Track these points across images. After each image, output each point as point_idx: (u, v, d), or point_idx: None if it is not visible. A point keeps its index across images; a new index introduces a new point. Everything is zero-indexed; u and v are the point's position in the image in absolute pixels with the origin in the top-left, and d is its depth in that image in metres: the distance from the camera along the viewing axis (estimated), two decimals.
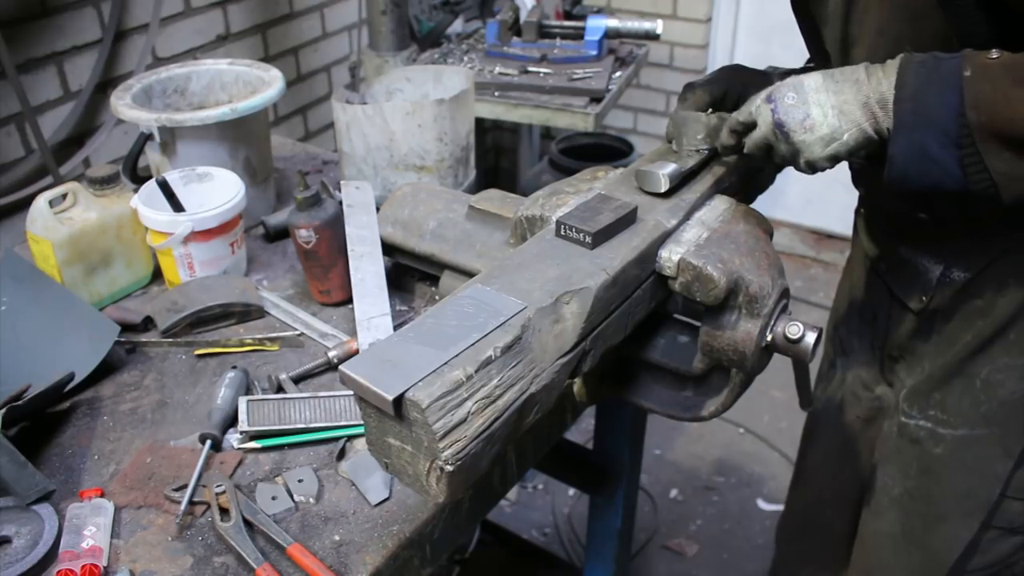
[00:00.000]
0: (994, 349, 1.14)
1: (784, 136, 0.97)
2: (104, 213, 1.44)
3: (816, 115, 0.95)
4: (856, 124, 0.94)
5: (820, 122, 0.95)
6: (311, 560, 1.00)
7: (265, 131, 1.74)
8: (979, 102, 0.87)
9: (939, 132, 0.89)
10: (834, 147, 0.95)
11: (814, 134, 0.95)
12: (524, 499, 2.69)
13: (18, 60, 1.94)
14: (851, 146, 0.95)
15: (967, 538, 1.23)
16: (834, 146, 0.95)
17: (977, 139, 0.87)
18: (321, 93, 2.96)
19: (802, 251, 3.82)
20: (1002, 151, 0.87)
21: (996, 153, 0.87)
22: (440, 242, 1.33)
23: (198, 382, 1.30)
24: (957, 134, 0.88)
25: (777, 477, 2.72)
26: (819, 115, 0.95)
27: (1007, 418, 1.15)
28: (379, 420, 0.82)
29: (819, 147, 0.96)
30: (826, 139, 0.95)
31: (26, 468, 1.07)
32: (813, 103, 0.96)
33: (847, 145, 0.95)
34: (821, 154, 0.96)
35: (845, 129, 0.94)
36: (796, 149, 0.98)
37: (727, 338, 1.01)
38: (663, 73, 3.63)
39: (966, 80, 0.88)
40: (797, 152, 0.98)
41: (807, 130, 0.95)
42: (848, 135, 0.94)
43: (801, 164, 0.99)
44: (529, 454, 1.32)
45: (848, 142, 0.95)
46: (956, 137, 0.88)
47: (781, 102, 0.97)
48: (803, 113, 0.96)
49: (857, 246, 1.40)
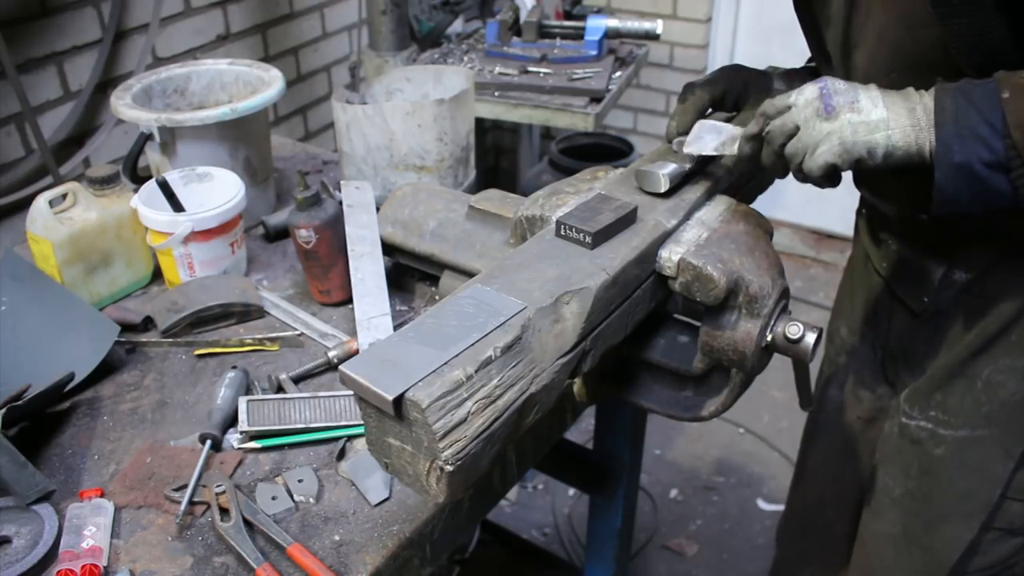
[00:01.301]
0: (995, 350, 1.14)
1: (828, 111, 0.93)
2: (104, 213, 1.44)
3: (865, 102, 0.93)
4: (901, 126, 0.91)
5: (868, 109, 0.92)
6: (311, 560, 1.00)
7: (265, 131, 1.74)
8: (1021, 121, 0.86)
9: (984, 153, 0.88)
10: (876, 137, 0.92)
11: (860, 116, 0.92)
12: (524, 499, 2.69)
13: (18, 60, 1.94)
14: (893, 144, 0.92)
15: (967, 539, 1.23)
16: (877, 136, 0.92)
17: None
18: (321, 93, 2.96)
19: (802, 251, 3.82)
20: None
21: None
22: (440, 242, 1.33)
23: (198, 382, 1.30)
24: (1004, 156, 0.87)
25: (777, 477, 2.72)
26: (868, 103, 0.93)
27: (1008, 419, 1.15)
28: (379, 420, 0.82)
29: (862, 131, 0.92)
30: (871, 124, 0.92)
31: (26, 468, 1.07)
32: (863, 93, 0.93)
33: (889, 140, 0.92)
34: (860, 139, 0.92)
35: (893, 125, 0.91)
36: (831, 131, 0.93)
37: (727, 338, 1.01)
38: (663, 73, 3.63)
39: (1005, 101, 0.87)
40: (831, 134, 0.93)
41: (854, 111, 0.92)
42: (894, 132, 0.91)
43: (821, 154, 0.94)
44: (529, 454, 1.32)
45: (892, 137, 0.91)
46: (1004, 159, 0.87)
47: (832, 83, 0.95)
48: (852, 97, 0.93)
49: (858, 246, 1.40)
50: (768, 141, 1.00)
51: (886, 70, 1.02)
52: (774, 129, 0.98)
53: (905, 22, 0.97)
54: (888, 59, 1.01)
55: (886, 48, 1.01)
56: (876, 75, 1.03)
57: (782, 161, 1.00)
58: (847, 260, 1.49)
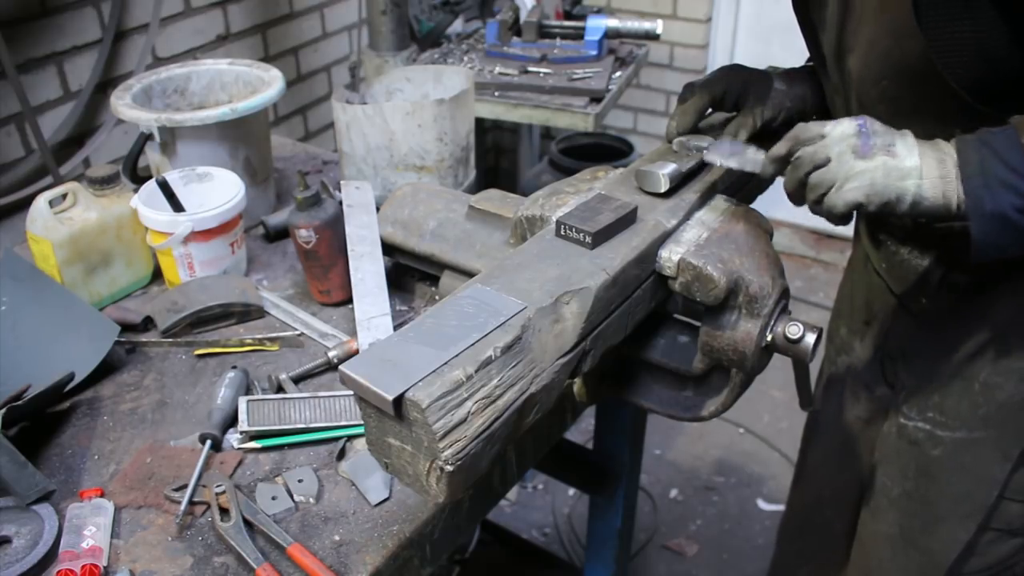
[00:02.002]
0: (993, 351, 1.14)
1: (865, 150, 0.92)
2: (104, 213, 1.44)
3: (901, 148, 0.92)
4: (931, 177, 0.91)
5: (904, 155, 0.92)
6: (311, 560, 1.00)
7: (265, 131, 1.74)
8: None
9: (1014, 198, 0.88)
10: (907, 184, 0.91)
11: (895, 161, 0.91)
12: (524, 499, 2.69)
13: (18, 60, 1.94)
14: (922, 194, 0.91)
15: (964, 540, 1.23)
16: (908, 183, 0.91)
17: None
18: (321, 93, 2.96)
19: (802, 251, 3.82)
20: None
21: None
22: (440, 242, 1.33)
23: (198, 382, 1.30)
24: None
25: (777, 477, 2.72)
26: (903, 149, 0.92)
27: (1005, 421, 1.15)
28: (379, 420, 0.82)
29: (895, 176, 0.91)
30: (904, 171, 0.91)
31: (26, 468, 1.07)
32: (899, 138, 0.93)
33: (919, 189, 0.91)
34: (892, 183, 0.91)
35: (925, 175, 0.91)
36: (863, 170, 0.92)
37: (727, 338, 1.01)
38: (663, 73, 3.63)
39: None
40: (862, 174, 0.92)
41: (890, 155, 0.92)
42: (925, 183, 0.91)
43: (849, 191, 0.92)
44: (529, 454, 1.32)
45: (923, 187, 0.91)
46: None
47: (870, 123, 0.94)
48: (890, 140, 0.92)
49: (858, 247, 1.40)
50: (795, 166, 0.97)
51: (878, 77, 1.02)
52: (804, 156, 0.96)
53: (893, 31, 0.97)
54: (879, 66, 1.01)
55: (877, 55, 1.01)
56: (868, 81, 1.03)
57: (803, 189, 0.98)
58: (847, 260, 1.49)
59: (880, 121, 0.94)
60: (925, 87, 0.96)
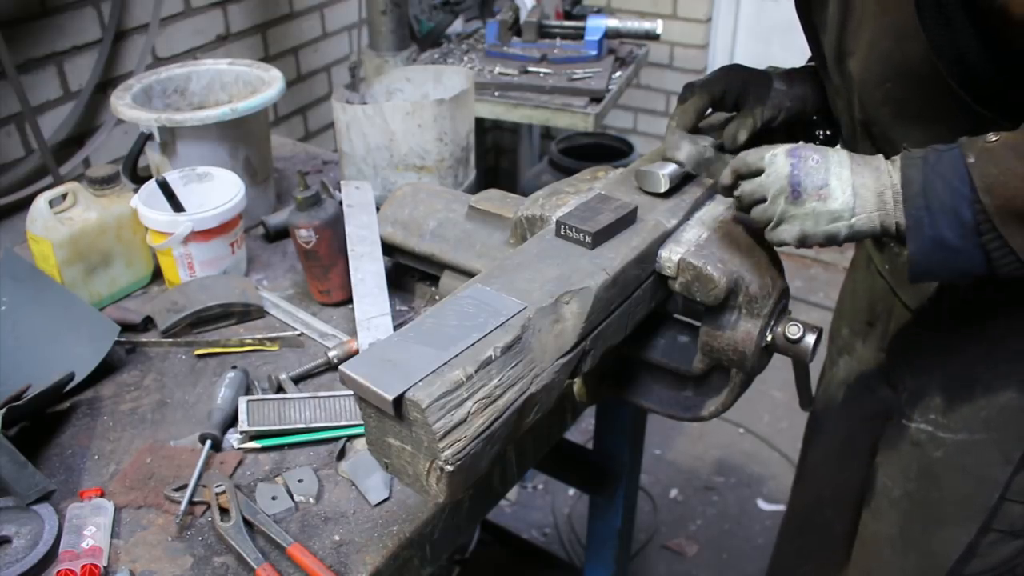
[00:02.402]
0: (995, 353, 1.13)
1: (795, 196, 0.92)
2: (104, 213, 1.44)
3: (835, 187, 0.92)
4: (867, 212, 0.91)
5: (836, 196, 0.91)
6: (311, 560, 1.00)
7: (265, 131, 1.74)
8: (990, 186, 0.85)
9: (954, 223, 0.87)
10: (838, 226, 0.92)
11: (825, 205, 0.92)
12: (524, 499, 2.69)
13: (18, 60, 1.94)
14: (856, 231, 0.92)
15: (965, 541, 1.23)
16: (838, 225, 0.91)
17: (997, 223, 0.86)
18: (321, 93, 2.96)
19: (802, 251, 3.82)
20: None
21: (1019, 232, 0.86)
22: (440, 242, 1.33)
23: (198, 382, 1.30)
24: (974, 221, 0.86)
25: (777, 477, 2.72)
26: (837, 188, 0.92)
27: (1007, 423, 1.15)
28: (379, 420, 0.82)
29: (824, 220, 0.92)
30: (835, 214, 0.91)
31: (26, 468, 1.07)
32: (834, 175, 0.92)
33: (851, 228, 0.92)
34: (820, 229, 0.92)
35: (857, 212, 0.91)
36: (795, 215, 0.93)
37: (727, 338, 1.01)
38: (663, 73, 3.63)
39: (971, 166, 0.86)
40: (794, 218, 0.93)
41: (820, 199, 0.92)
42: (857, 220, 0.91)
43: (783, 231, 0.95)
44: (529, 454, 1.32)
45: (855, 225, 0.91)
46: (973, 224, 0.86)
47: (804, 161, 0.93)
48: (822, 180, 0.92)
49: (861, 247, 1.40)
50: (738, 197, 1.00)
51: (880, 80, 1.01)
52: (744, 192, 0.99)
53: (895, 32, 0.96)
54: (881, 69, 1.01)
55: (878, 57, 1.01)
56: (871, 84, 1.03)
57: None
58: (850, 261, 1.49)
59: (884, 122, 0.94)
60: (929, 90, 0.96)
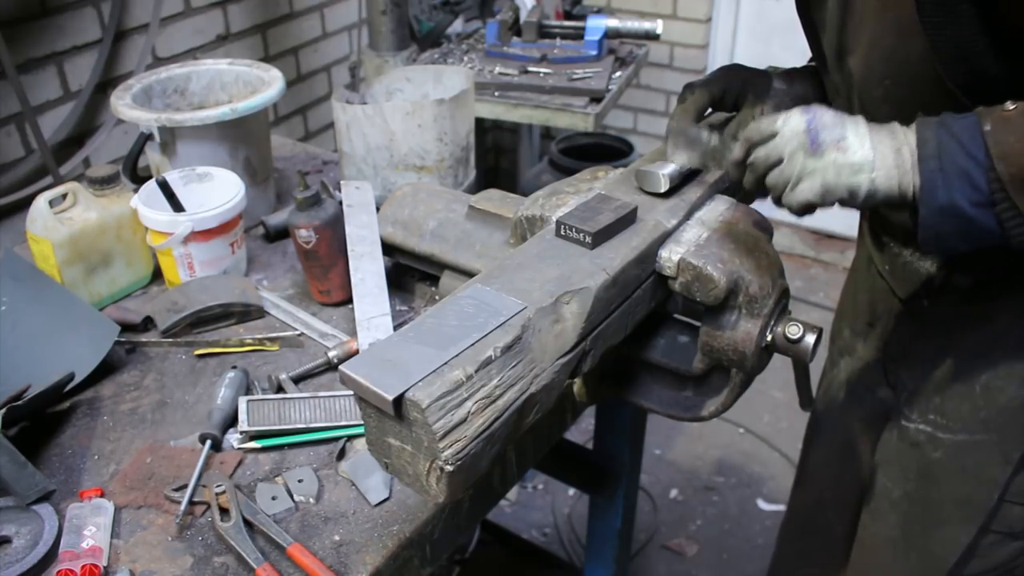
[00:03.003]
0: (994, 354, 1.13)
1: (814, 149, 0.90)
2: (104, 213, 1.44)
3: (852, 141, 0.90)
4: (886, 168, 0.89)
5: (855, 149, 0.90)
6: (311, 560, 1.00)
7: (265, 131, 1.74)
8: (1006, 154, 0.84)
9: (969, 189, 0.86)
10: (859, 179, 0.89)
11: (846, 157, 0.90)
12: (524, 499, 2.69)
13: (18, 60, 1.94)
14: (876, 187, 0.90)
15: (965, 542, 1.23)
16: (860, 178, 0.89)
17: (1011, 192, 0.84)
18: (321, 93, 2.96)
19: (802, 251, 3.82)
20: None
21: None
22: (440, 242, 1.33)
23: (198, 382, 1.30)
24: (988, 190, 0.85)
25: (777, 477, 2.72)
26: (855, 142, 0.90)
27: (1006, 424, 1.15)
28: (379, 420, 0.82)
29: (846, 173, 0.89)
30: (856, 166, 0.89)
31: (26, 468, 1.07)
32: (851, 130, 0.91)
33: (873, 184, 0.89)
34: (843, 181, 0.90)
35: (877, 167, 0.89)
36: (815, 169, 0.91)
37: (727, 338, 1.01)
38: (663, 73, 3.63)
39: (987, 134, 0.85)
40: (814, 172, 0.90)
41: (840, 150, 0.90)
42: (877, 175, 0.89)
43: (803, 189, 0.92)
44: (529, 454, 1.32)
45: (875, 181, 0.89)
46: (988, 193, 0.85)
47: (819, 117, 0.92)
48: (840, 134, 0.91)
49: (862, 248, 1.40)
50: (751, 168, 0.98)
51: (880, 78, 1.01)
52: (757, 160, 0.96)
53: (896, 30, 0.96)
54: (882, 67, 1.01)
55: (879, 55, 1.01)
56: (871, 82, 1.03)
57: (763, 187, 0.98)
58: (852, 262, 1.49)
59: (883, 119, 0.94)
60: (928, 87, 0.96)
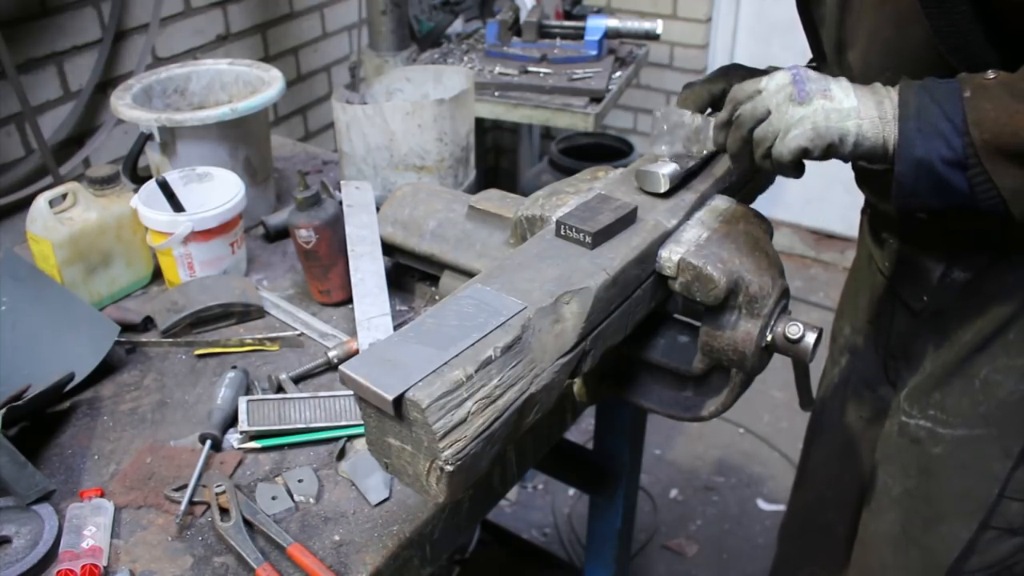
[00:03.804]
0: (994, 349, 1.14)
1: (801, 97, 0.92)
2: (104, 213, 1.44)
3: (837, 91, 0.93)
4: (870, 117, 0.92)
5: (840, 98, 0.92)
6: (311, 560, 1.00)
7: (265, 131, 1.74)
8: (981, 120, 0.87)
9: (944, 149, 0.88)
10: (848, 124, 0.91)
11: (833, 104, 0.92)
12: (524, 499, 2.69)
13: (18, 60, 1.94)
14: (863, 135, 0.92)
15: (966, 538, 1.23)
16: (850, 123, 0.91)
17: (983, 157, 0.87)
18: (321, 93, 2.96)
19: (802, 251, 3.82)
20: (1009, 167, 0.87)
21: (1003, 169, 0.87)
22: (440, 242, 1.33)
23: (198, 382, 1.30)
24: (963, 153, 0.88)
25: (777, 477, 2.72)
26: (840, 93, 0.93)
27: (1006, 418, 1.15)
28: (379, 420, 0.82)
29: (835, 117, 0.91)
30: (844, 112, 0.92)
31: (26, 468, 1.07)
32: (834, 83, 0.94)
33: (860, 129, 0.92)
34: (833, 124, 0.91)
35: (864, 115, 0.92)
36: (804, 116, 0.92)
37: (727, 338, 1.01)
38: (663, 73, 3.63)
39: (966, 100, 0.88)
40: (803, 119, 0.92)
41: (827, 98, 0.92)
42: (864, 122, 0.91)
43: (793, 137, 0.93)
44: (529, 454, 1.32)
45: (863, 127, 0.92)
46: (962, 156, 0.88)
47: (803, 71, 0.94)
48: (824, 85, 0.93)
49: (862, 246, 1.41)
50: (737, 126, 0.99)
51: (880, 70, 1.02)
52: (744, 113, 0.98)
53: (896, 19, 0.97)
54: (882, 58, 1.01)
55: (879, 47, 1.01)
56: (871, 75, 1.03)
57: (748, 147, 0.99)
58: (852, 260, 1.49)
59: None
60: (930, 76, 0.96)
